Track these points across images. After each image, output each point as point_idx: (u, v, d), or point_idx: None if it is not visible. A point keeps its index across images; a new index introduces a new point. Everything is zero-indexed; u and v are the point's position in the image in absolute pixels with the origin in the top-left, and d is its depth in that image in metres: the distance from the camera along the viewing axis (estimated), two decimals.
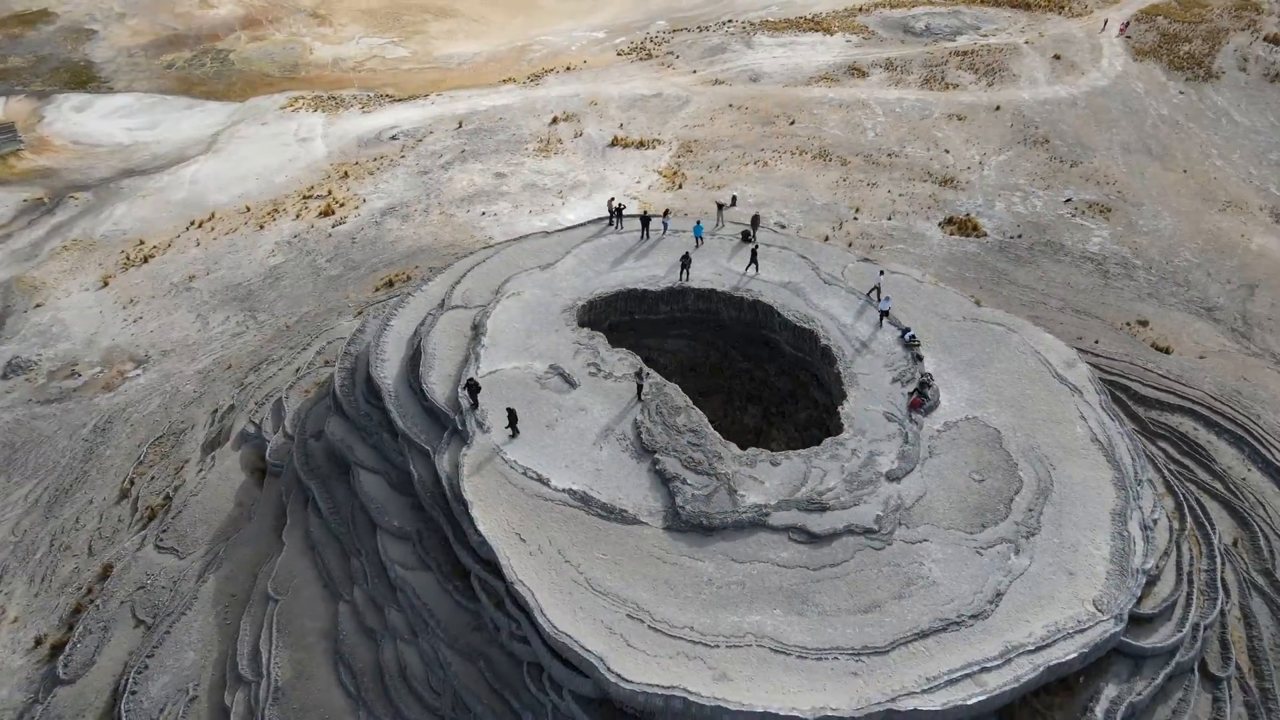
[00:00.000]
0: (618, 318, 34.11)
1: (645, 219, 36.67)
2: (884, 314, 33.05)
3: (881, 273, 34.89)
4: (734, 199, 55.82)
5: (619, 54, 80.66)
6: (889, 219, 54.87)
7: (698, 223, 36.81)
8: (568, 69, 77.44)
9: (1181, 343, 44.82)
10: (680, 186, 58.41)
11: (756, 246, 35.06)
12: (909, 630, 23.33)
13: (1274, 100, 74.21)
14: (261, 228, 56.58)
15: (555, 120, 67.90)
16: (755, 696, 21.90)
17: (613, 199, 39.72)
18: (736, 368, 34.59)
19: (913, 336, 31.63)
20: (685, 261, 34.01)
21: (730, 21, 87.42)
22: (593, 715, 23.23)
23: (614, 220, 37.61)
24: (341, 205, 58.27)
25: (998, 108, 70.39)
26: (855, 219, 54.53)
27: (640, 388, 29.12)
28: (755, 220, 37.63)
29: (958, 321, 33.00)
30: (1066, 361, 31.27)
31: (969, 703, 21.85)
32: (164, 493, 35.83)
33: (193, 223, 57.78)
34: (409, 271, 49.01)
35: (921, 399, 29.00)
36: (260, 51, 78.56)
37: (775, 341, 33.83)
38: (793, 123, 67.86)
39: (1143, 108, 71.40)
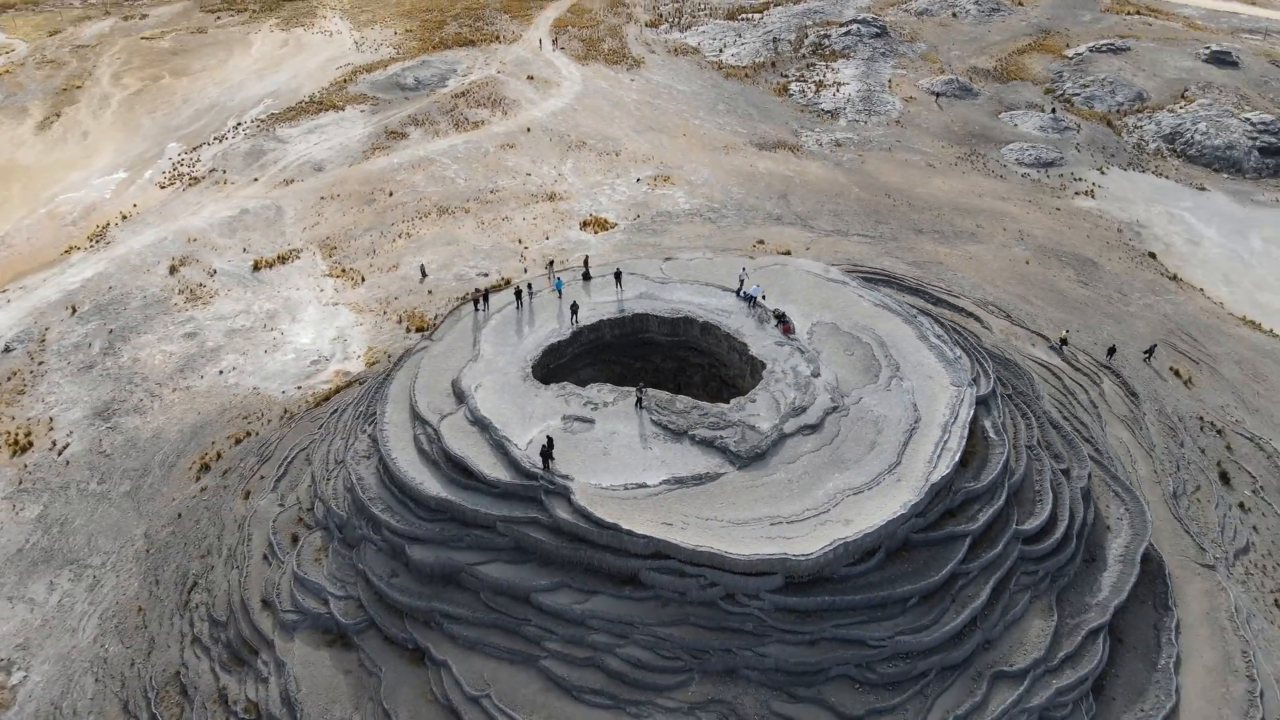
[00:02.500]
0: (542, 372, 41.91)
1: (518, 292, 44.14)
2: (754, 299, 44.29)
3: (744, 269, 46.89)
4: (423, 269, 63.29)
5: (161, 187, 78.55)
6: (548, 238, 66.76)
7: (557, 278, 45.38)
8: (124, 218, 73.95)
9: (790, 245, 64.64)
10: (364, 280, 63.47)
11: (619, 272, 45.25)
12: (899, 444, 37.38)
13: (686, 68, 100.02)
14: None
15: (174, 269, 66.45)
16: (873, 520, 34.25)
17: (479, 289, 45.67)
18: (632, 369, 44.65)
19: (754, 294, 44.83)
20: (574, 309, 42.87)
21: (239, 125, 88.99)
22: (785, 594, 33.50)
23: (479, 304, 44.24)
24: (28, 435, 52.83)
25: (528, 129, 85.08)
26: (526, 248, 65.41)
27: (640, 399, 38.39)
28: (586, 260, 47.37)
29: (752, 272, 47.18)
30: (825, 269, 47.47)
31: (956, 458, 36.78)
32: None
33: None
34: (215, 451, 48.65)
35: (787, 325, 42.75)
36: None
37: (650, 338, 44.71)
38: (391, 194, 75.16)
39: (619, 98, 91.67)
